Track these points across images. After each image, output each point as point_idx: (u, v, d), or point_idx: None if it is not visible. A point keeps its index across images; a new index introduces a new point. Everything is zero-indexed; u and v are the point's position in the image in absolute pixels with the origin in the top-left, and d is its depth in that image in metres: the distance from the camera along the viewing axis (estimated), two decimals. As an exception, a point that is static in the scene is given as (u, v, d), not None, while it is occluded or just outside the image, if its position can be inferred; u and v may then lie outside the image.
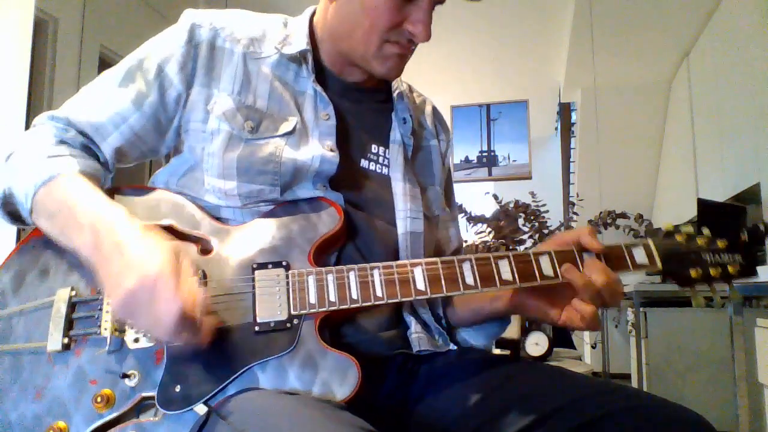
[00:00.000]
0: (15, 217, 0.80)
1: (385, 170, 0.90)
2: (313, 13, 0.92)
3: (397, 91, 0.96)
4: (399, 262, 0.76)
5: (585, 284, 0.73)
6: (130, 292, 0.62)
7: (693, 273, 0.79)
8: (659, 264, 0.78)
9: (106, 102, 0.82)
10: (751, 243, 0.81)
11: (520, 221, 2.35)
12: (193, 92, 0.83)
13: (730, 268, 0.79)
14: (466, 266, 0.76)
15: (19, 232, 1.95)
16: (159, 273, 0.63)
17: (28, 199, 0.75)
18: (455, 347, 0.94)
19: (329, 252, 0.80)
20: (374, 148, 0.91)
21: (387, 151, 0.91)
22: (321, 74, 0.89)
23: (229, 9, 0.90)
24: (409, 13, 0.80)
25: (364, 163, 0.89)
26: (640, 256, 0.78)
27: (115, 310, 0.64)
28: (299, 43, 0.87)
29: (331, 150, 0.83)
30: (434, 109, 1.06)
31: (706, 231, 0.82)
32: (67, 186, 0.74)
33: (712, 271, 0.79)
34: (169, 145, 0.87)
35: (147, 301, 0.62)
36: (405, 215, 0.86)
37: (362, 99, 0.93)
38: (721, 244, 0.80)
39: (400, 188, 0.88)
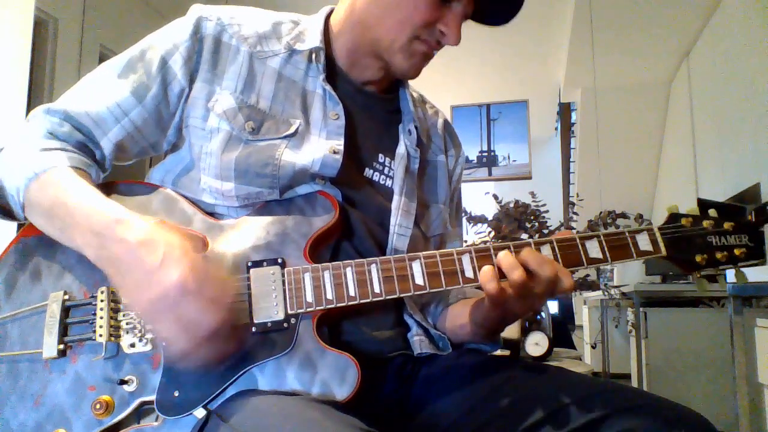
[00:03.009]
0: (5, 212, 0.77)
1: (389, 182, 0.89)
2: (330, 13, 0.91)
3: (405, 98, 0.94)
4: (397, 256, 0.74)
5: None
6: (159, 297, 0.61)
7: (698, 258, 0.76)
8: (663, 250, 0.75)
9: (106, 94, 0.79)
10: (758, 223, 0.78)
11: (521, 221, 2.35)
12: (195, 87, 0.81)
13: (736, 251, 0.76)
14: (465, 259, 0.74)
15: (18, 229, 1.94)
16: (184, 278, 0.61)
17: (20, 193, 0.72)
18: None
19: (324, 246, 0.79)
20: (381, 157, 0.89)
21: (393, 162, 0.90)
22: (332, 74, 0.88)
23: (240, 6, 0.89)
24: (443, 15, 0.82)
25: (368, 172, 0.88)
26: (643, 242, 0.75)
27: (142, 316, 0.65)
28: (313, 39, 0.86)
29: (335, 152, 0.81)
30: (446, 123, 1.04)
31: (712, 212, 0.78)
32: (60, 181, 0.71)
33: (718, 255, 0.75)
34: (171, 141, 0.85)
35: (179, 306, 0.61)
36: (393, 230, 0.85)
37: (373, 106, 0.91)
38: (727, 225, 0.77)
39: (396, 202, 0.87)
